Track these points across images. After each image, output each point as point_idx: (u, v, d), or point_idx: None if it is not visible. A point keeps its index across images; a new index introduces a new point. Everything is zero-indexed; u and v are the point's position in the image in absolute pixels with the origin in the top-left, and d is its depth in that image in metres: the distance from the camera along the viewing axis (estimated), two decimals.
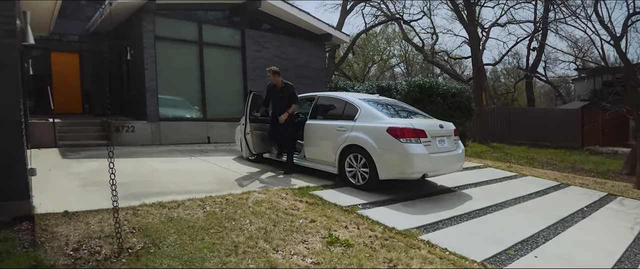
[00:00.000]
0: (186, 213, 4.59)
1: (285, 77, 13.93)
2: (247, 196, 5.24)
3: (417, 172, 5.85)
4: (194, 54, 11.66)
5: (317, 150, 7.02)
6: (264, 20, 13.07)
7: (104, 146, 10.16)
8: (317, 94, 7.56)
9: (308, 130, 7.11)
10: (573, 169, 13.40)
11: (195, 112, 11.90)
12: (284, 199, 5.30)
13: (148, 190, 5.61)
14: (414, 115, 6.97)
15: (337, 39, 14.68)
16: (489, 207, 6.20)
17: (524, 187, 8.07)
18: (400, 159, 5.82)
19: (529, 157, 15.01)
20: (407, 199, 6.01)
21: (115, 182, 3.72)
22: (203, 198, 5.10)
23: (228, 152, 9.78)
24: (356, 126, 6.33)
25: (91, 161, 7.88)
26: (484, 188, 7.60)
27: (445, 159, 6.33)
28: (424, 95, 12.71)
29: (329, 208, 5.09)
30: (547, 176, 10.11)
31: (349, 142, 6.33)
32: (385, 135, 5.91)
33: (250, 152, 7.52)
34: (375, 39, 33.58)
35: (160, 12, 10.85)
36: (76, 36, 14.52)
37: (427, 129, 6.09)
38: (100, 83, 14.98)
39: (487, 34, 31.06)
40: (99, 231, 4.11)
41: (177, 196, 5.20)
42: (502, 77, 45.51)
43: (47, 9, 9.37)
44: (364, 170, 6.19)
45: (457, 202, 6.24)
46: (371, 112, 6.37)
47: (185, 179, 6.45)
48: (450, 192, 6.92)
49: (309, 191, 5.87)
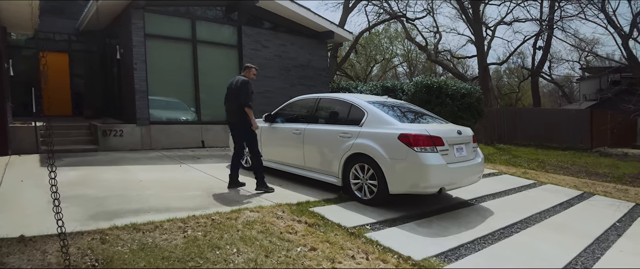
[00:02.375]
0: (163, 238, 3.87)
1: (287, 78, 13.38)
2: (236, 216, 4.51)
3: (433, 186, 5.09)
4: (187, 52, 10.93)
5: (318, 158, 6.26)
6: (263, 17, 12.34)
7: (91, 152, 9.48)
8: (319, 96, 6.80)
9: (308, 136, 6.37)
10: (587, 173, 12.69)
11: (188, 115, 11.16)
12: (279, 218, 4.56)
13: (125, 206, 4.89)
14: (428, 119, 6.20)
15: (339, 37, 13.92)
16: (513, 225, 5.46)
17: (546, 199, 7.33)
18: (413, 171, 5.06)
19: (539, 160, 14.31)
20: (421, 217, 5.27)
21: (60, 209, 2.97)
22: (185, 218, 4.38)
23: (222, 158, 9.06)
24: (363, 132, 5.58)
25: (71, 170, 7.17)
26: (503, 200, 6.85)
27: (464, 170, 5.57)
28: (432, 96, 11.95)
29: (332, 231, 4.34)
30: (565, 182, 9.40)
31: (355, 151, 5.57)
32: (396, 143, 5.16)
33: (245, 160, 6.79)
34: (378, 38, 32.85)
35: (151, 8, 10.13)
36: (65, 35, 13.84)
37: (444, 136, 5.33)
38: (91, 84, 14.31)
39: (493, 33, 30.37)
40: (55, 263, 3.41)
41: (156, 215, 4.48)
42: (504, 77, 44.81)
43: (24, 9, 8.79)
44: (371, 182, 5.44)
45: (477, 219, 5.50)
46: (380, 116, 5.61)
47: (169, 192, 5.72)
48: (467, 206, 6.17)
49: (309, 208, 5.12)
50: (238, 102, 5.86)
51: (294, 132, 6.62)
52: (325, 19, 12.95)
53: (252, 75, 6.16)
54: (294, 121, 6.91)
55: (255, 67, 6.28)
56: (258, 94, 12.15)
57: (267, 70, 12.40)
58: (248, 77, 6.08)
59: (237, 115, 5.91)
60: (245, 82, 5.91)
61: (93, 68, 14.26)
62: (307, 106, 6.91)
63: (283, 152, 6.96)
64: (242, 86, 5.87)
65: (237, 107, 5.88)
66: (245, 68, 6.23)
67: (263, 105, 12.06)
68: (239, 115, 5.90)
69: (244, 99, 5.81)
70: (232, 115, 6.01)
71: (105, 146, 9.63)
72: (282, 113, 7.26)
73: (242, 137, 6.06)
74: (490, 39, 30.25)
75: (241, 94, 5.83)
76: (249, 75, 6.13)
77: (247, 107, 5.83)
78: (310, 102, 6.85)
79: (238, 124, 5.98)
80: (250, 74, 6.15)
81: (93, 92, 14.19)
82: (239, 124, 5.96)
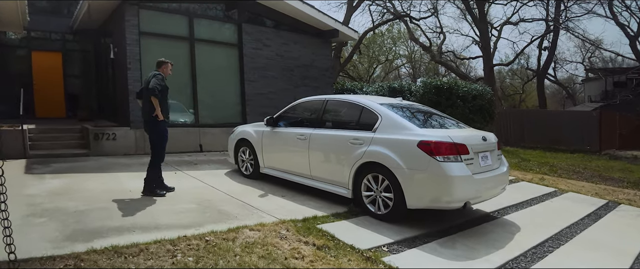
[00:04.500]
0: (148, 265, 3.29)
1: (290, 79, 12.74)
2: (234, 236, 3.92)
3: (457, 200, 4.49)
4: (184, 51, 10.34)
5: (325, 167, 5.66)
6: (264, 14, 11.75)
7: (81, 156, 8.91)
8: (326, 98, 6.18)
9: (314, 141, 5.78)
10: (601, 178, 12.14)
11: (185, 117, 10.56)
12: (283, 239, 3.97)
13: (108, 223, 4.31)
14: (447, 123, 5.60)
15: (344, 36, 13.32)
16: (544, 243, 4.87)
17: (571, 209, 6.74)
18: (436, 183, 4.46)
19: (550, 164, 13.76)
20: (442, 234, 4.67)
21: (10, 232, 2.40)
22: (175, 239, 3.79)
23: (220, 164, 8.48)
24: (376, 139, 4.98)
25: (56, 177, 6.59)
26: (527, 212, 6.25)
27: (490, 181, 4.96)
28: (441, 97, 11.37)
29: (345, 255, 3.74)
30: (586, 190, 8.84)
31: (367, 159, 4.97)
32: (415, 151, 4.56)
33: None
34: (381, 38, 32.27)
35: (146, 5, 9.56)
36: (59, 34, 13.27)
37: (468, 144, 4.73)
38: (86, 85, 13.74)
39: (499, 33, 29.81)
40: None
41: (141, 235, 3.90)
42: (507, 78, 44.18)
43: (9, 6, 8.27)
44: (386, 195, 4.84)
45: (504, 235, 4.90)
46: (395, 120, 5.01)
47: (160, 204, 5.14)
48: (490, 219, 5.58)
49: (317, 224, 4.53)
50: (148, 96, 5.50)
51: (299, 138, 6.03)
52: (330, 17, 12.36)
53: (168, 71, 5.89)
54: (299, 125, 6.31)
55: (171, 63, 5.98)
56: (260, 96, 11.58)
57: (269, 70, 11.82)
58: (164, 73, 5.79)
59: (148, 111, 5.59)
60: (156, 74, 5.63)
61: (88, 68, 13.68)
62: (313, 108, 6.31)
63: (286, 160, 6.37)
64: (152, 77, 5.54)
65: (149, 103, 5.53)
66: (161, 63, 5.86)
67: (265, 107, 11.49)
68: (149, 110, 5.57)
69: (151, 86, 5.42)
70: (144, 111, 5.70)
71: (97, 150, 9.05)
72: (285, 116, 6.67)
73: (150, 134, 5.73)
74: (496, 40, 29.72)
75: (150, 83, 5.48)
76: (165, 71, 5.84)
77: (153, 95, 5.43)
78: (317, 104, 6.24)
79: (146, 119, 5.68)
80: (166, 70, 5.85)
81: (88, 94, 13.62)
82: (148, 118, 5.64)
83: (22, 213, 4.66)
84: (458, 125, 5.69)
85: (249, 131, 7.14)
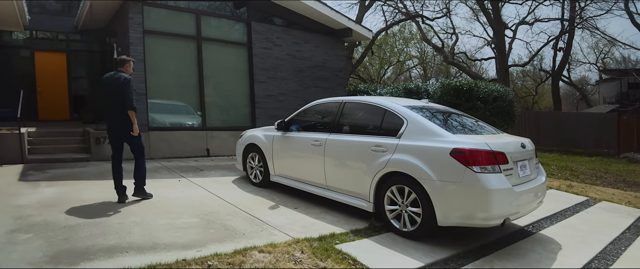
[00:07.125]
0: None
1: (301, 80, 12.16)
2: (240, 260, 3.38)
3: (496, 217, 3.90)
4: (191, 51, 9.86)
5: (342, 176, 5.11)
6: (274, 12, 11.24)
7: (82, 161, 8.46)
8: (343, 100, 5.62)
9: (330, 148, 5.24)
10: (627, 183, 11.50)
11: (192, 120, 10.08)
12: (297, 263, 3.43)
13: (98, 241, 3.80)
14: (480, 129, 5.00)
15: (357, 35, 12.75)
16: (590, 263, 4.29)
17: (610, 222, 6.12)
18: (471, 198, 3.89)
19: (570, 168, 13.17)
20: (476, 255, 4.09)
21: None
22: (173, 264, 3.27)
23: (228, 170, 7.97)
24: (402, 146, 4.43)
25: (51, 185, 6.14)
26: (564, 226, 5.65)
27: (530, 193, 4.36)
28: (461, 99, 10.76)
29: None
30: (617, 198, 8.23)
31: (392, 169, 4.41)
32: (447, 160, 3.99)
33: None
34: (393, 38, 31.65)
35: (150, 2, 9.10)
36: (63, 33, 12.88)
37: (507, 152, 4.15)
38: (91, 86, 13.33)
39: (514, 34, 29.06)
40: None
41: (135, 258, 3.39)
42: (518, 80, 43.26)
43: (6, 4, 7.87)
44: (413, 210, 4.29)
45: (545, 255, 4.31)
46: (423, 125, 4.44)
47: (159, 218, 4.63)
48: (527, 235, 5.00)
49: (335, 244, 3.97)
50: (121, 102, 5.16)
51: (313, 144, 5.48)
52: (343, 15, 11.83)
53: (131, 70, 5.50)
54: (313, 129, 5.77)
55: (133, 61, 5.65)
56: (270, 98, 11.07)
57: (279, 71, 11.31)
58: (127, 72, 5.38)
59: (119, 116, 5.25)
60: (128, 80, 5.22)
61: (93, 69, 13.27)
62: (328, 111, 5.76)
63: (299, 167, 5.83)
64: (126, 84, 5.17)
65: (120, 108, 5.19)
66: (123, 62, 5.41)
67: (275, 109, 10.99)
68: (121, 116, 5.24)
69: (129, 100, 5.15)
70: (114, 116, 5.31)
71: (98, 155, 8.60)
72: (298, 120, 6.13)
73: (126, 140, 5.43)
74: (511, 40, 28.99)
75: (126, 94, 5.15)
76: (128, 70, 5.43)
77: (131, 110, 5.18)
78: (333, 107, 5.68)
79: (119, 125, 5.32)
80: (129, 69, 5.44)
81: (93, 95, 13.20)
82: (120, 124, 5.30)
83: (7, 227, 4.18)
84: (490, 130, 5.11)
85: (258, 136, 6.62)
